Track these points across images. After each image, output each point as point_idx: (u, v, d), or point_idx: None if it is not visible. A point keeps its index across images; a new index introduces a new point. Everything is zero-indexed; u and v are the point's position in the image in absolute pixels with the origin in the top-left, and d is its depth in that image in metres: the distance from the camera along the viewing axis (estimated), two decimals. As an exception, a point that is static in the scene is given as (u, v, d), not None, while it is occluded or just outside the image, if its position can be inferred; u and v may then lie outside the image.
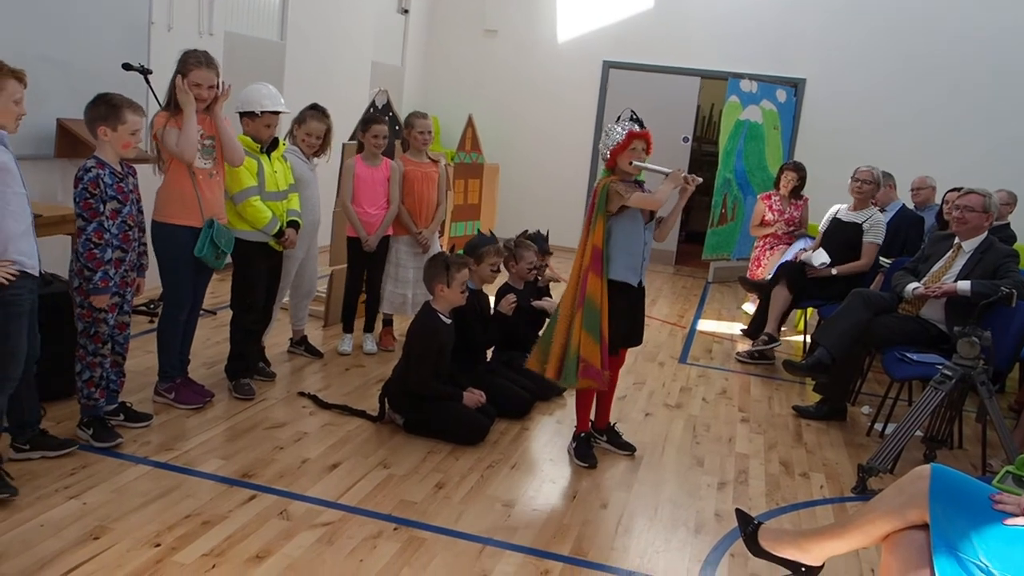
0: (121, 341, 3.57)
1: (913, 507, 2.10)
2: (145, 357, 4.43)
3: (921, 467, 2.17)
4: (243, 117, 4.10)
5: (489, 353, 4.62)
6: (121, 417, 3.61)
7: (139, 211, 3.48)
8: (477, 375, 4.23)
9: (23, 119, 2.93)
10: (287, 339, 5.00)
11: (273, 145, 4.16)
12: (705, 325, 6.84)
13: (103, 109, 3.28)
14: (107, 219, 3.29)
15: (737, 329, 6.69)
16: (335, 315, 5.51)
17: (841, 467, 4.04)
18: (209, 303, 5.13)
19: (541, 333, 3.91)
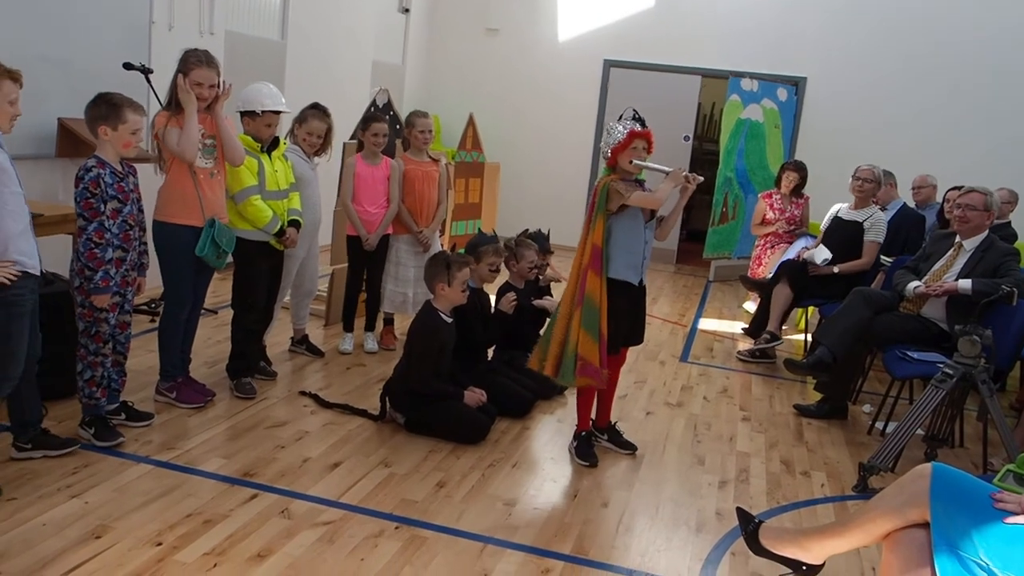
0: (122, 340, 3.57)
1: (914, 506, 2.10)
2: (146, 356, 4.43)
3: (922, 466, 2.17)
4: (244, 116, 4.11)
5: (490, 352, 4.62)
6: (122, 416, 3.62)
7: (140, 210, 3.48)
8: (478, 374, 4.23)
9: (20, 119, 2.92)
10: (288, 338, 5.00)
11: (274, 144, 4.16)
12: (706, 324, 6.84)
13: (104, 108, 3.28)
14: (108, 218, 3.29)
15: (738, 328, 6.69)
16: (336, 314, 5.51)
17: (842, 466, 4.05)
18: (210, 302, 5.12)
19: (542, 332, 3.91)
